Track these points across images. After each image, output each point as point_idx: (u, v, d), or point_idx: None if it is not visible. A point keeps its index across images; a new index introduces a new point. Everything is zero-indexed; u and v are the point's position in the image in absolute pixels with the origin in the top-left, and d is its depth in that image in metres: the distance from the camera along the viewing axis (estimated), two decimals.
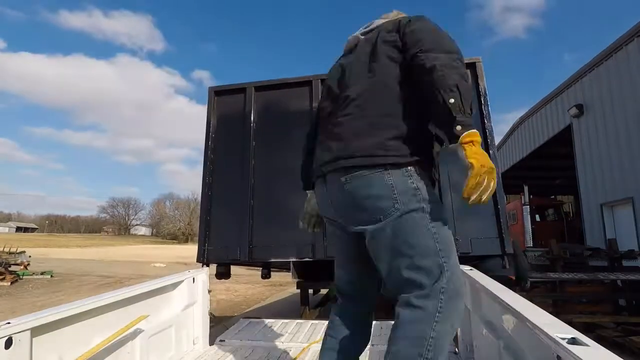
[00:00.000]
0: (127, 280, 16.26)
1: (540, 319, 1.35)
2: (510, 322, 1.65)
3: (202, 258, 4.15)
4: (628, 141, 10.09)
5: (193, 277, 3.22)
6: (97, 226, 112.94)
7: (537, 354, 1.33)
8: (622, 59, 10.24)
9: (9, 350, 1.62)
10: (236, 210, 4.25)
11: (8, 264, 15.73)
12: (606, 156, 11.01)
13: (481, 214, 3.77)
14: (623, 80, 10.20)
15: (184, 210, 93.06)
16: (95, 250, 44.67)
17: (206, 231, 4.26)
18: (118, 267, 24.23)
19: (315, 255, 3.93)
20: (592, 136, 11.67)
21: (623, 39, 10.05)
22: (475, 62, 4.16)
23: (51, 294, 12.51)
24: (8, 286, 13.72)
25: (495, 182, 1.32)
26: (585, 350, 1.07)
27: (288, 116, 4.50)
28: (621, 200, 10.46)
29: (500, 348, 1.83)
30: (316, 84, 4.43)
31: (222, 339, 3.40)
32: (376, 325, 3.61)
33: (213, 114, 4.63)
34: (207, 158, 4.47)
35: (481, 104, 4.01)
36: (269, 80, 4.62)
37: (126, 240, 77.25)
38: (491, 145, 3.89)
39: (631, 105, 9.93)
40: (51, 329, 1.90)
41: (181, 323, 3.01)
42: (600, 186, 11.38)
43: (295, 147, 4.49)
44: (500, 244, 3.64)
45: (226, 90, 4.71)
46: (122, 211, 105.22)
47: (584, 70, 11.80)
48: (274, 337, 3.43)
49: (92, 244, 58.38)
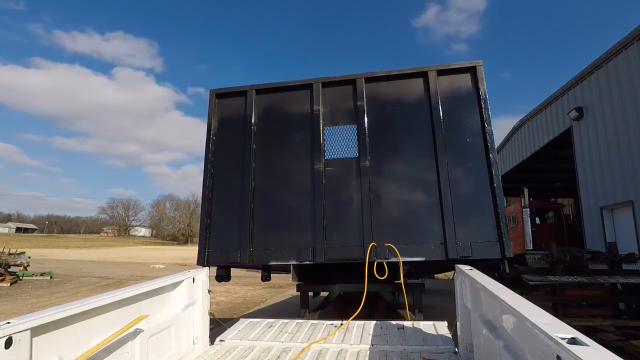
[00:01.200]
0: (127, 282, 16.24)
1: (540, 319, 1.35)
2: (510, 322, 1.66)
3: (202, 261, 4.15)
4: (628, 144, 10.09)
5: (193, 277, 3.22)
6: (96, 227, 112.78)
7: (537, 354, 1.33)
8: (622, 62, 10.27)
9: (9, 350, 1.62)
10: (236, 213, 4.25)
11: (8, 264, 15.71)
12: (606, 159, 11.02)
13: (481, 217, 3.78)
14: (623, 83, 10.23)
15: (183, 211, 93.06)
16: (95, 251, 44.59)
17: (206, 234, 4.26)
18: (118, 268, 24.20)
19: (316, 258, 3.93)
20: (592, 139, 11.68)
21: (623, 42, 10.08)
22: (475, 66, 4.18)
23: (51, 295, 12.48)
24: (8, 287, 13.70)
25: None
26: (585, 350, 1.07)
27: (289, 119, 4.51)
28: (621, 204, 10.46)
29: (500, 348, 1.83)
30: (317, 87, 4.45)
31: (222, 339, 3.40)
32: (376, 325, 3.61)
33: (214, 117, 4.64)
34: (208, 160, 4.47)
35: (481, 108, 4.03)
36: (270, 83, 4.64)
37: (126, 241, 77.13)
38: (491, 148, 3.91)
39: (631, 109, 9.95)
40: (51, 329, 1.90)
41: (181, 323, 3.01)
42: (600, 189, 11.38)
43: (296, 150, 4.55)
44: (500, 248, 3.64)
45: (227, 93, 4.72)
46: (122, 212, 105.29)
47: (584, 74, 11.83)
48: (274, 337, 3.42)
49: (91, 245, 58.29)
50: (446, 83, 4.22)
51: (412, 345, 3.03)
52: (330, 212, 4.05)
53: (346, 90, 4.42)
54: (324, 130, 4.32)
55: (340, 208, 4.06)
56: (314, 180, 4.15)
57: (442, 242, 3.74)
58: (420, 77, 4.27)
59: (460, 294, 2.89)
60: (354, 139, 4.24)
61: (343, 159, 4.23)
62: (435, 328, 3.54)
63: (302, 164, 4.27)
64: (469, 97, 4.13)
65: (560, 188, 20.73)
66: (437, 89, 4.17)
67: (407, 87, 4.30)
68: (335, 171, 4.19)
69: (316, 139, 4.27)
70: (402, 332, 3.40)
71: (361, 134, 4.20)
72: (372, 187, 4.03)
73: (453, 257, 3.65)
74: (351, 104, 4.35)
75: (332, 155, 4.26)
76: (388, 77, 4.34)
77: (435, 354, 2.89)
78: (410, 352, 2.90)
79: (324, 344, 3.14)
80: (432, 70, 4.23)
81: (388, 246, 3.80)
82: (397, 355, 2.85)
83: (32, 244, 44.56)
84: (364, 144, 4.16)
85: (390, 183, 4.06)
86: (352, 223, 3.98)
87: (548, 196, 21.87)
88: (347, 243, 3.93)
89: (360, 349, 3.02)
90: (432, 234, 3.81)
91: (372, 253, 3.79)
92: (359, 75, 4.39)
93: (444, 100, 4.15)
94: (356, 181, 4.08)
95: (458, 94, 4.18)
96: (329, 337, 3.28)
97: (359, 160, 4.13)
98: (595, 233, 11.52)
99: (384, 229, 3.90)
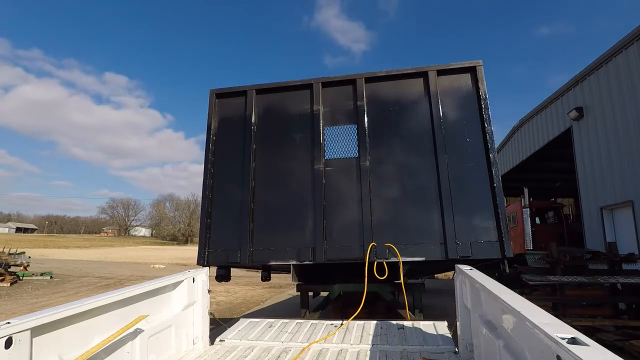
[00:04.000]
0: (127, 282, 16.23)
1: (540, 319, 1.35)
2: (510, 322, 1.66)
3: (202, 261, 4.15)
4: (628, 144, 10.10)
5: (193, 277, 3.22)
6: (96, 227, 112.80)
7: (537, 354, 1.33)
8: (622, 62, 10.27)
9: (9, 350, 1.62)
10: (236, 213, 4.25)
11: (8, 264, 15.71)
12: (606, 159, 11.02)
13: (481, 217, 3.78)
14: (623, 83, 10.23)
15: (183, 211, 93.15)
16: (95, 251, 44.59)
17: (206, 234, 4.26)
18: (118, 268, 24.19)
19: (316, 258, 3.93)
20: (592, 139, 11.68)
21: (623, 42, 10.08)
22: (475, 66, 4.18)
23: (51, 295, 12.48)
24: (8, 287, 13.70)
25: None
26: (585, 350, 1.07)
27: (289, 119, 4.50)
28: (621, 204, 10.46)
29: (500, 348, 1.83)
30: (317, 87, 4.45)
31: (222, 339, 3.41)
32: (376, 325, 3.61)
33: (214, 117, 4.64)
34: (208, 161, 4.47)
35: (481, 108, 4.03)
36: (270, 83, 4.64)
37: (126, 241, 77.14)
38: (491, 148, 3.91)
39: (631, 108, 9.95)
40: (51, 329, 1.90)
41: (181, 323, 3.01)
42: (600, 189, 11.38)
43: (296, 150, 4.55)
44: (500, 248, 3.64)
45: (227, 93, 4.72)
46: (122, 212, 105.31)
47: (584, 74, 11.83)
48: (274, 337, 3.42)
49: (91, 245, 58.30)
50: (446, 83, 4.22)
51: (412, 345, 3.03)
52: (330, 212, 4.05)
53: (346, 90, 4.42)
54: (324, 130, 4.32)
55: (340, 208, 4.07)
56: (314, 180, 4.15)
57: (442, 242, 3.74)
58: (420, 77, 4.27)
59: (460, 294, 2.89)
60: (354, 139, 4.24)
61: (343, 159, 4.23)
62: (435, 328, 3.54)
63: (302, 164, 4.27)
64: (469, 97, 4.14)
65: (560, 188, 20.73)
66: (437, 89, 4.17)
67: (407, 87, 4.30)
68: (335, 171, 4.19)
69: (316, 139, 4.27)
70: (402, 332, 3.40)
71: (361, 134, 4.20)
72: (372, 187, 4.03)
73: (453, 257, 3.65)
74: (351, 104, 4.36)
75: (332, 155, 4.26)
76: (388, 77, 4.34)
77: (435, 354, 2.89)
78: (410, 352, 2.90)
79: (324, 344, 3.14)
80: (432, 70, 4.23)
81: (388, 246, 3.80)
82: (397, 355, 2.85)
83: (32, 244, 44.57)
84: (364, 144, 4.16)
85: (390, 183, 4.06)
86: (352, 223, 3.98)
87: (548, 196, 21.85)
88: (347, 243, 3.93)
89: (360, 349, 3.02)
90: (432, 233, 3.81)
91: (372, 253, 3.79)
92: (359, 75, 4.39)
93: (444, 100, 4.15)
94: (356, 181, 4.08)
95: (458, 93, 4.18)
96: (329, 337, 3.28)
97: (359, 160, 4.13)
98: (595, 233, 11.52)
99: (384, 228, 3.90)
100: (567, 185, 18.33)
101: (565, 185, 19.22)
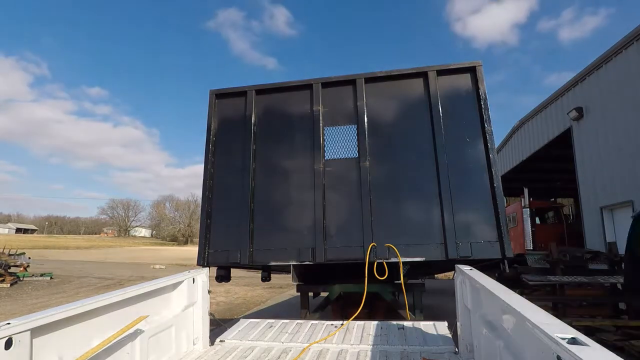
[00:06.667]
0: (127, 282, 16.23)
1: (540, 319, 1.35)
2: (510, 322, 1.66)
3: (202, 261, 4.15)
4: (628, 144, 10.10)
5: (193, 278, 3.22)
6: (96, 227, 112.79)
7: (537, 354, 1.33)
8: (622, 62, 10.27)
9: (9, 350, 1.62)
10: (236, 213, 4.24)
11: (8, 265, 15.71)
12: (606, 159, 11.02)
13: (481, 217, 3.78)
14: (623, 83, 10.23)
15: (183, 211, 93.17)
16: (95, 252, 44.61)
17: (206, 234, 4.26)
18: (118, 268, 24.19)
19: (316, 258, 3.93)
20: (592, 139, 11.68)
21: (623, 42, 10.09)
22: (475, 66, 4.18)
23: (51, 295, 12.48)
24: (8, 288, 13.70)
25: None
26: (585, 350, 1.07)
27: (289, 119, 4.50)
28: (621, 204, 10.46)
29: (500, 348, 1.83)
30: (317, 87, 4.45)
31: (222, 339, 3.41)
32: (376, 326, 3.61)
33: (214, 117, 4.64)
34: (208, 161, 4.47)
35: (481, 108, 4.03)
36: (270, 83, 4.64)
37: (126, 242, 77.12)
38: (491, 148, 3.91)
39: (631, 108, 9.95)
40: (51, 329, 1.90)
41: (181, 323, 3.01)
42: (600, 189, 11.38)
43: (296, 150, 4.55)
44: (501, 248, 3.64)
45: (227, 94, 4.72)
46: (122, 212, 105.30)
47: (584, 73, 11.83)
48: (274, 337, 3.42)
49: (91, 246, 58.29)
50: (446, 83, 4.22)
51: (412, 345, 3.03)
52: (330, 212, 4.05)
53: (346, 91, 4.42)
54: (324, 130, 4.32)
55: (340, 208, 4.07)
56: (314, 181, 4.15)
57: (442, 242, 3.74)
58: (420, 77, 4.27)
59: (461, 294, 2.89)
60: (354, 139, 4.24)
61: (343, 159, 4.23)
62: (435, 328, 3.54)
63: (302, 164, 4.27)
64: (468, 97, 4.14)
65: (560, 188, 20.74)
66: (437, 89, 4.18)
67: (407, 87, 4.31)
68: (335, 171, 4.19)
69: (316, 139, 4.27)
70: (402, 332, 3.40)
71: (361, 134, 4.20)
72: (372, 187, 4.03)
73: (453, 257, 3.65)
74: (351, 104, 4.36)
75: (332, 155, 4.26)
76: (388, 78, 4.34)
77: (436, 354, 2.89)
78: (411, 352, 2.90)
79: (324, 344, 3.14)
80: (432, 71, 4.23)
81: (388, 246, 3.80)
82: (398, 355, 2.85)
83: (32, 244, 44.53)
84: (364, 144, 4.16)
85: (390, 183, 4.06)
86: (352, 223, 3.98)
87: (548, 196, 21.86)
88: (347, 243, 3.93)
89: (361, 349, 3.02)
90: (432, 234, 3.81)
91: (372, 253, 3.79)
92: (359, 76, 4.39)
93: (443, 100, 4.15)
94: (356, 181, 4.08)
95: (458, 94, 4.18)
96: (329, 337, 3.28)
97: (359, 161, 4.13)
98: (595, 233, 11.53)
99: (384, 229, 3.89)
100: (567, 185, 18.34)
101: (565, 185, 19.23)
